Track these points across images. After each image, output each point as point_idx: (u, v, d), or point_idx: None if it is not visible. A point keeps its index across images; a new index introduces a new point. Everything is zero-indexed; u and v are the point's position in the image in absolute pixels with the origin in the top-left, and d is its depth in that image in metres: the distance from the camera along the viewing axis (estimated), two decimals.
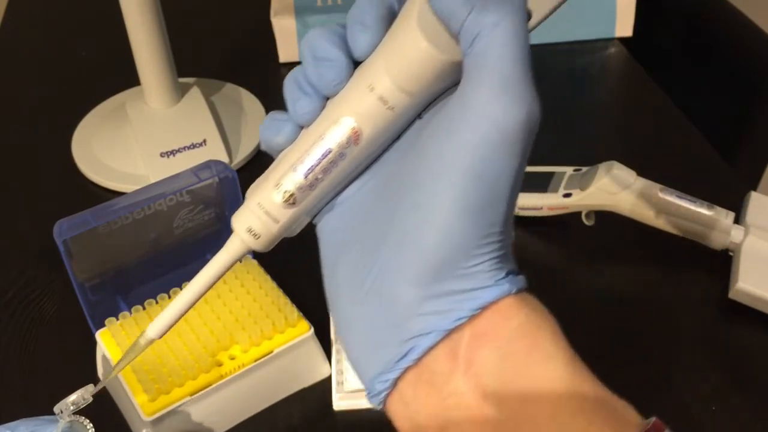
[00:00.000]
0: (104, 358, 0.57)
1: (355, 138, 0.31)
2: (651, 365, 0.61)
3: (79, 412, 0.43)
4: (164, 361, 0.54)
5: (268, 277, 0.60)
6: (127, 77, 0.83)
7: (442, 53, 0.29)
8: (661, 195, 0.66)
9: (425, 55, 0.29)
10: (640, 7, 0.97)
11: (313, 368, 0.59)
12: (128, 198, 0.58)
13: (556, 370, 0.29)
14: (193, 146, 0.78)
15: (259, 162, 0.80)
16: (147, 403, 0.52)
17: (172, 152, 0.77)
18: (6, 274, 0.69)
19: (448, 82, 0.31)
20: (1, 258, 0.71)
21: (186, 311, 0.35)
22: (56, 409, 0.41)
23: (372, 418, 0.57)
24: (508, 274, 0.30)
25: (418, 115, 0.32)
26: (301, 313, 0.58)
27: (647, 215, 0.66)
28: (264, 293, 0.59)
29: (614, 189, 0.66)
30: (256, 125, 0.84)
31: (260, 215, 0.32)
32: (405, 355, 0.29)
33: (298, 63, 1.07)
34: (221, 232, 0.65)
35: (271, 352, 0.56)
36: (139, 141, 0.78)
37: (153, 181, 0.71)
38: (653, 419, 0.29)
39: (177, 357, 0.54)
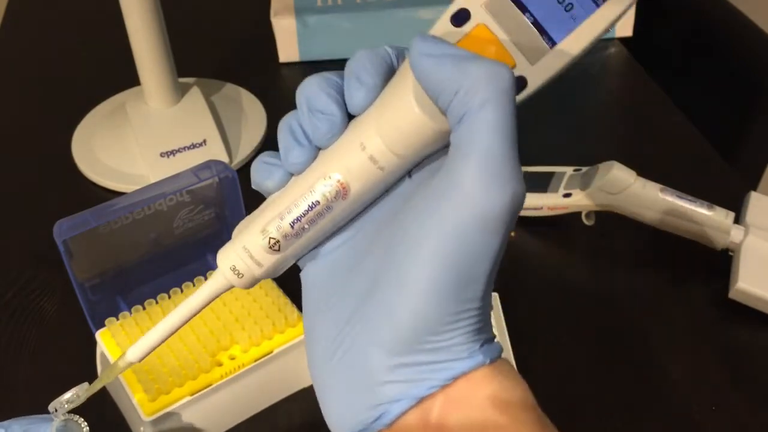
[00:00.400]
0: (104, 358, 0.57)
1: (343, 193, 0.31)
2: (651, 365, 0.61)
3: (79, 411, 0.43)
4: (164, 361, 0.54)
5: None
6: (127, 77, 0.83)
7: (435, 122, 0.29)
8: (661, 195, 0.66)
9: (418, 123, 0.29)
10: (640, 7, 0.97)
11: None
12: (128, 198, 0.58)
13: None
14: (193, 146, 0.78)
15: None
16: (147, 403, 0.52)
17: (172, 152, 0.77)
18: (6, 274, 0.69)
19: (439, 146, 0.31)
20: (1, 258, 0.71)
21: (167, 337, 0.36)
22: (51, 407, 0.41)
23: None
24: (483, 344, 0.30)
25: (408, 174, 0.32)
26: (301, 313, 0.58)
27: (647, 215, 0.66)
28: (264, 293, 0.59)
29: (614, 189, 0.66)
30: (256, 125, 0.84)
31: (245, 258, 0.33)
32: (377, 419, 0.29)
33: (298, 63, 1.07)
34: (221, 232, 0.65)
35: (271, 352, 0.56)
36: (139, 141, 0.78)
37: (153, 181, 0.71)
38: None
39: (177, 357, 0.54)
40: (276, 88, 0.93)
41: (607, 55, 0.98)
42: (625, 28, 0.98)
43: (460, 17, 0.31)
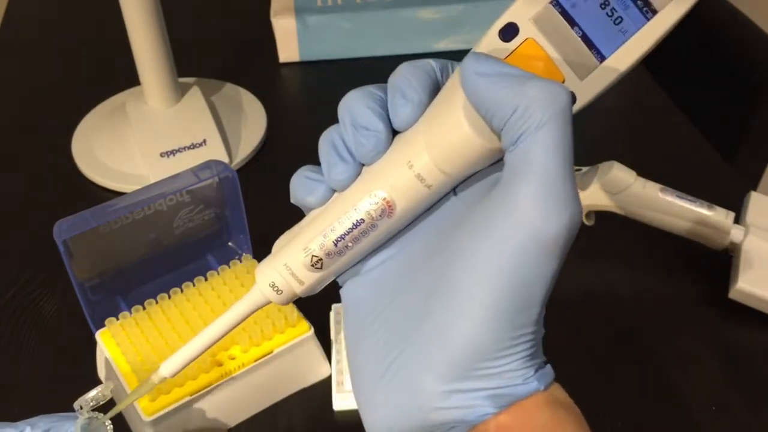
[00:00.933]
0: (104, 359, 0.57)
1: (389, 211, 0.31)
2: (651, 365, 0.61)
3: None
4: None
5: None
6: (127, 77, 0.83)
7: (486, 140, 0.29)
8: (661, 195, 0.66)
9: (468, 141, 0.29)
10: None
11: (313, 368, 0.59)
12: (128, 198, 0.58)
13: None
14: (193, 146, 0.78)
15: (259, 162, 0.80)
16: (147, 403, 0.52)
17: (172, 152, 0.77)
18: (6, 274, 0.69)
19: (488, 164, 0.31)
20: (1, 258, 0.71)
21: (201, 353, 0.36)
22: (76, 405, 0.41)
23: None
24: (537, 370, 0.29)
25: (453, 191, 0.32)
26: (301, 313, 0.58)
27: (647, 215, 0.66)
28: None
29: (614, 189, 0.66)
30: (256, 125, 0.84)
31: (285, 275, 0.32)
32: None
33: (298, 63, 1.07)
34: (221, 232, 0.65)
35: (271, 352, 0.56)
36: (139, 141, 0.78)
37: (153, 181, 0.71)
38: None
39: None
40: (276, 88, 0.93)
41: None
42: None
43: (508, 32, 0.30)
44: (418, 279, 0.30)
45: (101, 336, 0.57)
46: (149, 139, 0.78)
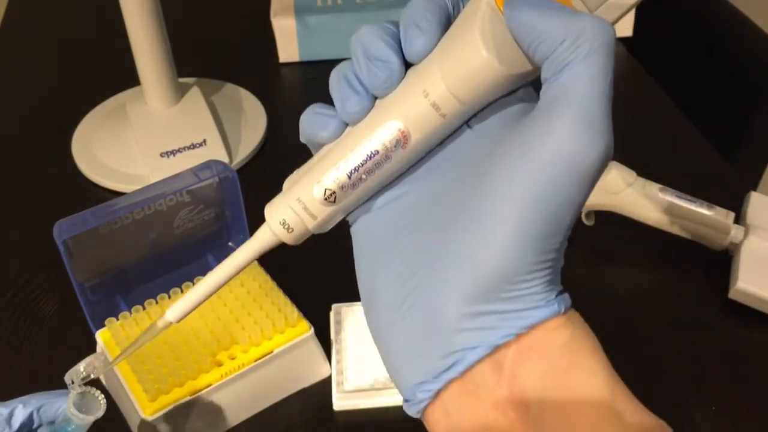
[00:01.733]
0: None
1: (403, 142, 0.30)
2: (651, 365, 0.61)
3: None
4: (164, 361, 0.54)
5: (268, 277, 0.60)
6: (127, 77, 0.83)
7: (504, 65, 0.29)
8: (661, 195, 0.66)
9: (485, 67, 0.29)
10: (640, 7, 0.97)
11: (313, 368, 0.59)
12: (128, 198, 0.58)
13: (596, 387, 0.29)
14: (193, 146, 0.78)
15: (259, 162, 0.80)
16: (147, 403, 0.52)
17: (172, 152, 0.77)
18: (6, 274, 0.69)
19: (504, 92, 0.31)
20: (1, 258, 0.71)
21: (207, 297, 0.35)
22: (67, 378, 0.41)
23: (372, 418, 0.57)
24: (557, 295, 0.30)
25: (467, 122, 0.32)
26: (301, 313, 0.58)
27: (647, 215, 0.66)
28: (264, 293, 0.59)
29: (614, 189, 0.66)
30: (256, 125, 0.84)
31: (298, 210, 0.32)
32: (450, 367, 0.29)
33: (298, 63, 1.07)
34: (221, 232, 0.65)
35: (271, 352, 0.56)
36: (139, 141, 0.78)
37: (153, 181, 0.71)
38: None
39: (177, 357, 0.54)
40: (276, 88, 0.93)
41: None
42: (625, 28, 0.98)
43: None
44: (437, 211, 0.30)
45: (101, 336, 0.57)
46: (149, 139, 0.78)
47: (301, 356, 0.58)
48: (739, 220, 0.67)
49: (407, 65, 0.31)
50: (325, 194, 0.32)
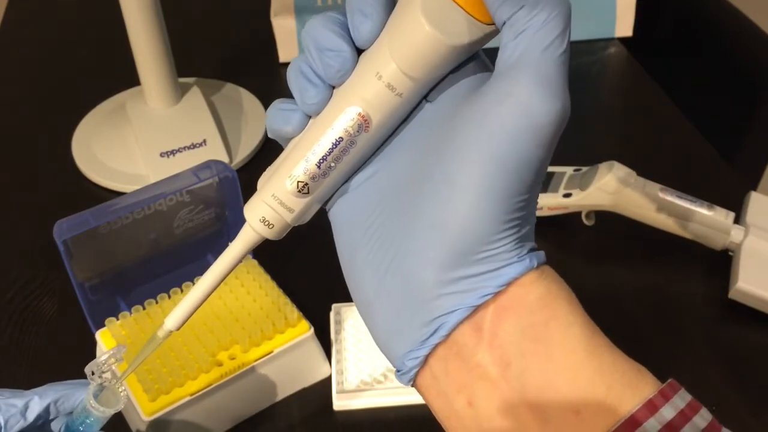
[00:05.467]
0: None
1: (365, 125, 0.31)
2: (651, 365, 0.61)
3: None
4: (164, 361, 0.54)
5: (268, 277, 0.60)
6: (127, 77, 0.83)
7: (449, 38, 0.30)
8: (661, 195, 0.66)
9: (431, 41, 0.30)
10: (640, 7, 0.97)
11: (313, 368, 0.59)
12: (128, 198, 0.58)
13: (574, 337, 0.30)
14: (193, 146, 0.78)
15: (259, 162, 0.80)
16: (147, 403, 0.52)
17: (172, 152, 0.77)
18: (6, 274, 0.69)
19: (452, 66, 0.31)
20: (1, 258, 0.71)
21: (202, 302, 0.36)
22: (87, 370, 0.40)
23: (372, 418, 0.57)
24: (529, 251, 0.31)
25: (425, 98, 0.32)
26: (301, 313, 0.58)
27: (647, 215, 0.66)
28: (264, 293, 0.59)
29: (614, 189, 0.66)
30: (256, 125, 0.84)
31: (275, 205, 0.33)
32: (434, 333, 0.30)
33: None
34: (221, 232, 0.65)
35: (271, 352, 0.56)
36: (139, 141, 0.78)
37: (153, 181, 0.71)
38: (670, 380, 0.31)
39: (177, 357, 0.54)
40: (276, 88, 0.93)
41: (607, 55, 0.98)
42: (625, 28, 0.98)
43: None
44: (407, 184, 0.31)
45: (101, 336, 0.57)
46: (149, 139, 0.78)
47: (301, 356, 0.58)
48: (739, 220, 0.67)
49: (359, 51, 0.32)
50: (297, 186, 0.32)
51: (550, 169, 0.72)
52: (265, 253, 0.35)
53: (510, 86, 0.29)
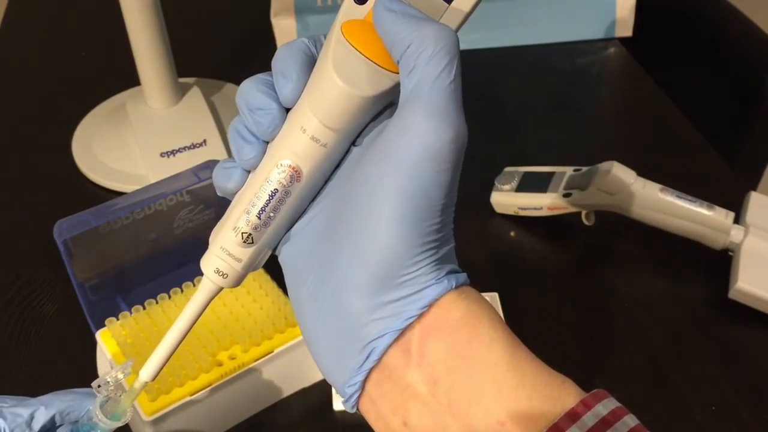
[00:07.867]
0: (105, 358, 0.57)
1: (297, 176, 0.34)
2: (651, 365, 0.61)
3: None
4: None
5: (268, 277, 0.60)
6: (127, 77, 0.83)
7: (360, 90, 0.32)
8: (661, 195, 0.66)
9: (345, 95, 0.32)
10: (640, 7, 0.97)
11: (313, 368, 0.59)
12: (128, 198, 0.58)
13: (496, 352, 0.31)
14: (193, 146, 0.78)
15: None
16: (147, 403, 0.52)
17: (172, 152, 0.77)
18: (6, 274, 0.69)
19: (371, 114, 0.34)
20: (1, 258, 0.71)
21: (173, 351, 0.38)
22: (94, 384, 0.41)
23: None
24: (448, 273, 0.32)
25: (353, 143, 0.35)
26: None
27: (647, 215, 0.66)
28: (264, 293, 0.59)
29: (614, 189, 0.66)
30: None
31: (224, 257, 0.35)
32: (367, 358, 0.32)
33: None
34: None
35: (271, 352, 0.56)
36: (139, 141, 0.78)
37: (153, 181, 0.71)
38: (595, 390, 0.31)
39: (177, 357, 0.54)
40: None
41: (607, 55, 0.98)
42: (625, 28, 0.98)
43: None
44: (337, 221, 0.33)
45: (101, 336, 0.57)
46: (149, 139, 0.78)
47: (301, 356, 0.58)
48: (739, 220, 0.67)
49: (288, 108, 0.34)
50: (242, 238, 0.35)
51: (550, 169, 0.73)
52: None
53: (405, 119, 0.31)
